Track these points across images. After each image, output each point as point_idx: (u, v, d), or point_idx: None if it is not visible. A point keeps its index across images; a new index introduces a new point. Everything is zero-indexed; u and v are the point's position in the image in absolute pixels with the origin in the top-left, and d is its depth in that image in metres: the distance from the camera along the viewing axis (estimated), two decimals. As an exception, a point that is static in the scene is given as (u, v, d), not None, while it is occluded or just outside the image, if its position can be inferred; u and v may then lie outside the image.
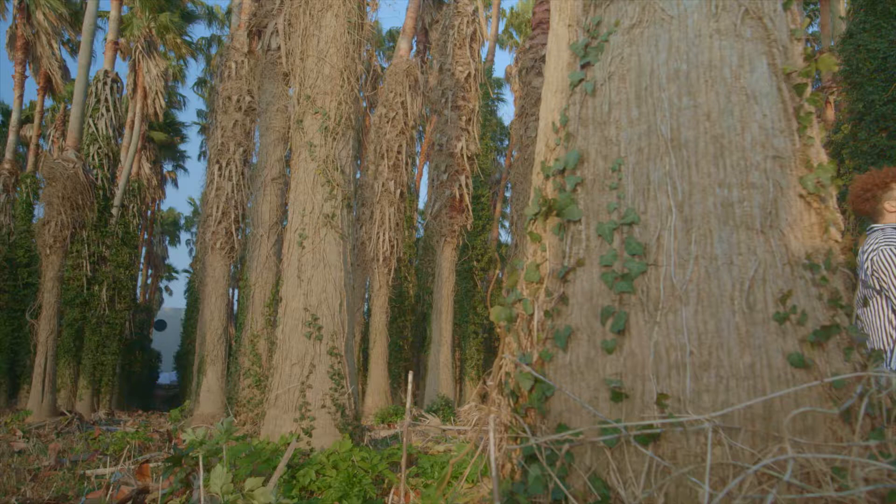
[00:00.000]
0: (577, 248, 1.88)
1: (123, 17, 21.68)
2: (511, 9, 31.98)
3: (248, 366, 9.76)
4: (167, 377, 37.55)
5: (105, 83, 17.82)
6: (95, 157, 17.63)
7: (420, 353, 21.81)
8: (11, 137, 20.76)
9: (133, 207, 22.55)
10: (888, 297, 3.09)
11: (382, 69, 21.28)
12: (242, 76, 13.71)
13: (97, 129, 17.69)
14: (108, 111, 17.88)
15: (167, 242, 46.38)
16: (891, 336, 3.11)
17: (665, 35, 1.91)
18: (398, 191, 15.54)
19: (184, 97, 48.95)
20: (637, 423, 1.60)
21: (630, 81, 1.92)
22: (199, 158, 42.62)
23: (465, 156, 15.10)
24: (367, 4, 7.16)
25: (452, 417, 11.41)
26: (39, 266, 14.87)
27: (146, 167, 30.01)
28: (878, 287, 3.13)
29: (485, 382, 1.95)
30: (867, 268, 3.17)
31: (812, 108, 1.87)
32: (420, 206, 25.31)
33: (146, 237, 35.95)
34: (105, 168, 17.79)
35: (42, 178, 14.38)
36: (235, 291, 22.55)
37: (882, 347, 3.12)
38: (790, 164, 1.80)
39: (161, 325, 38.42)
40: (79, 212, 13.88)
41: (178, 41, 25.54)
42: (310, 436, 5.73)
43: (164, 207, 45.72)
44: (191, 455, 3.01)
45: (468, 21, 15.71)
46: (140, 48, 23.77)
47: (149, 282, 40.91)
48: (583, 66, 2.05)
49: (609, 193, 1.86)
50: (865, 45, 11.70)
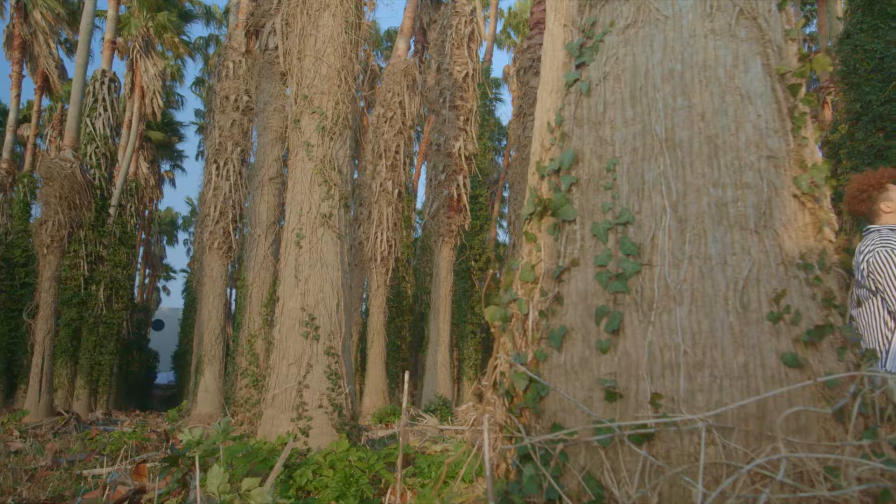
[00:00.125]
0: (572, 248, 1.88)
1: (121, 17, 21.65)
2: (509, 9, 31.96)
3: (246, 366, 9.75)
4: (165, 377, 37.45)
5: (103, 83, 17.80)
6: (93, 157, 17.62)
7: (418, 353, 21.81)
8: (9, 137, 20.72)
9: (130, 207, 22.52)
10: (884, 299, 3.10)
11: (380, 69, 21.28)
12: (240, 76, 13.70)
13: (94, 129, 17.67)
14: (106, 111, 17.86)
15: (165, 242, 46.33)
16: (886, 337, 3.12)
17: (660, 35, 1.91)
18: (396, 191, 15.54)
19: (182, 97, 48.96)
20: (631, 423, 1.60)
21: (625, 81, 1.92)
22: (197, 158, 42.59)
23: (463, 156, 15.10)
24: (365, 4, 7.15)
25: (450, 417, 11.41)
26: (36, 266, 14.84)
27: (144, 167, 29.98)
28: (874, 288, 3.13)
29: (480, 382, 1.95)
30: (863, 269, 3.17)
31: (806, 109, 1.87)
32: (418, 206, 25.30)
33: (144, 237, 35.92)
34: (102, 168, 17.78)
35: (39, 178, 14.34)
36: (233, 291, 22.53)
37: (877, 348, 3.13)
38: (784, 165, 1.80)
39: (159, 325, 38.35)
40: (76, 211, 13.85)
41: (176, 40, 25.51)
42: (307, 436, 5.73)
43: (162, 207, 45.69)
44: (187, 455, 3.00)
45: (466, 21, 15.71)
46: (138, 48, 23.73)
47: (146, 281, 40.85)
48: (578, 66, 2.05)
49: (604, 193, 1.86)
50: (862, 46, 11.72)
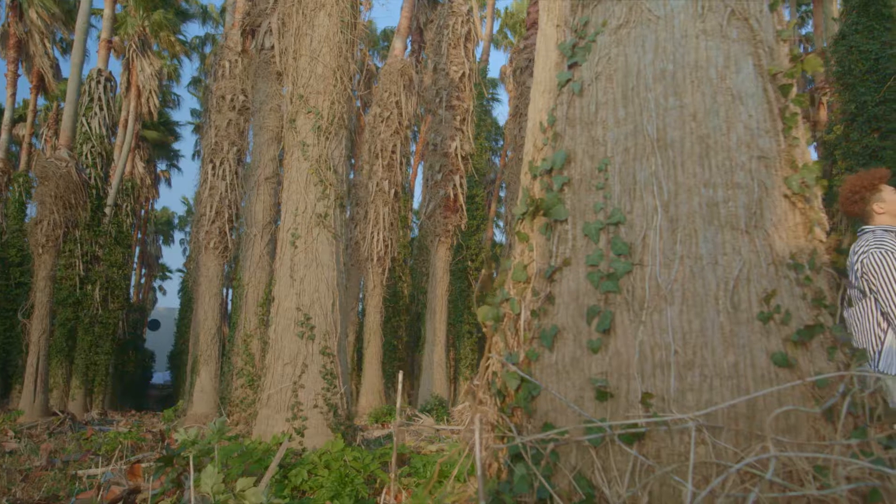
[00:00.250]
0: (564, 248, 1.88)
1: (117, 16, 21.60)
2: (506, 9, 32.00)
3: (241, 365, 9.74)
4: (161, 377, 37.35)
5: (98, 82, 17.76)
6: (88, 156, 17.57)
7: (414, 353, 21.81)
8: (4, 136, 20.66)
9: (126, 206, 22.45)
10: (877, 300, 3.11)
11: (377, 69, 21.26)
12: (236, 75, 13.67)
13: (90, 128, 17.63)
14: (102, 110, 17.81)
15: (161, 242, 46.22)
16: (879, 338, 3.13)
17: (652, 35, 1.91)
18: (392, 190, 15.53)
19: (178, 96, 48.88)
20: (622, 423, 1.61)
21: (617, 81, 1.93)
22: (194, 158, 42.48)
23: (460, 155, 15.10)
24: (361, 4, 7.15)
25: (446, 417, 11.41)
26: (32, 265, 14.78)
27: (140, 166, 29.91)
28: (867, 289, 3.14)
29: (472, 382, 1.96)
30: (857, 270, 3.18)
31: (797, 109, 1.88)
32: (415, 206, 25.30)
33: (140, 236, 35.84)
34: (98, 167, 17.73)
35: (34, 177, 14.30)
36: (229, 291, 22.49)
37: (870, 349, 3.14)
38: (775, 165, 1.80)
39: (155, 325, 38.26)
40: (71, 211, 13.81)
41: (172, 39, 25.47)
42: (302, 436, 5.72)
43: (158, 207, 45.57)
44: (182, 455, 3.00)
45: (463, 21, 15.71)
46: (134, 47, 23.68)
47: (142, 281, 40.77)
48: (570, 66, 2.05)
49: (595, 193, 1.86)
50: (858, 47, 11.75)
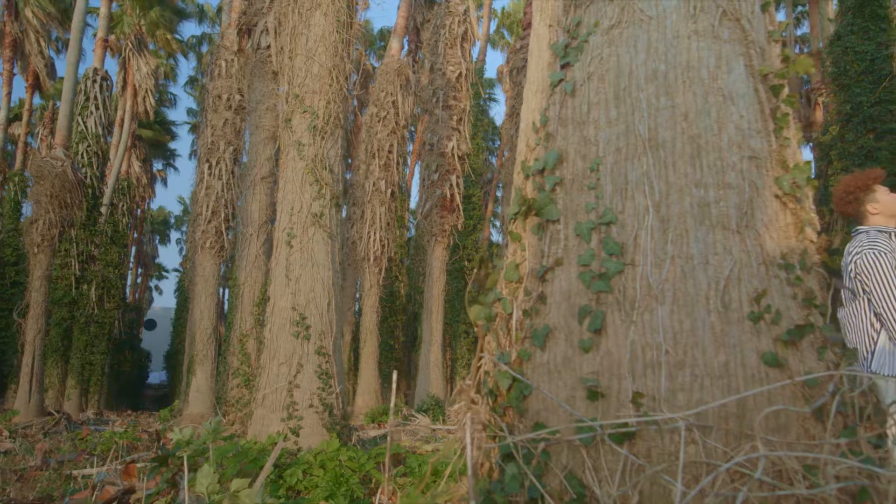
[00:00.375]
0: (556, 248, 1.88)
1: (113, 14, 21.55)
2: (502, 9, 32.01)
3: (237, 365, 9.72)
4: (157, 377, 37.31)
5: (94, 81, 17.71)
6: (84, 156, 17.52)
7: (411, 353, 21.81)
8: (0, 135, 20.60)
9: (122, 206, 22.41)
10: (870, 300, 3.12)
11: (374, 68, 21.26)
12: (232, 74, 13.66)
13: (86, 127, 17.58)
14: (98, 109, 17.77)
15: (157, 241, 46.17)
16: (872, 338, 3.14)
17: (644, 36, 1.92)
18: (389, 190, 15.53)
19: (175, 95, 48.74)
20: (612, 422, 1.61)
21: (609, 82, 1.93)
22: (190, 157, 42.42)
23: (456, 155, 15.10)
24: (357, 3, 7.14)
25: (442, 417, 11.41)
26: (27, 265, 14.75)
27: (136, 165, 29.85)
28: (861, 290, 3.15)
29: (464, 381, 1.96)
30: (850, 270, 3.20)
31: (788, 109, 1.88)
32: (411, 206, 25.29)
33: (136, 236, 35.75)
34: (94, 166, 17.68)
35: (30, 177, 14.27)
36: (225, 291, 22.46)
37: (864, 349, 3.15)
38: (766, 165, 1.81)
39: (151, 325, 38.19)
40: (67, 210, 13.78)
41: (169, 37, 25.43)
42: (297, 435, 5.72)
43: (154, 206, 45.52)
44: (177, 455, 2.99)
45: (459, 21, 15.71)
46: (130, 46, 23.63)
47: (138, 281, 40.69)
48: (563, 67, 2.05)
49: (587, 193, 1.87)
50: (853, 48, 11.78)
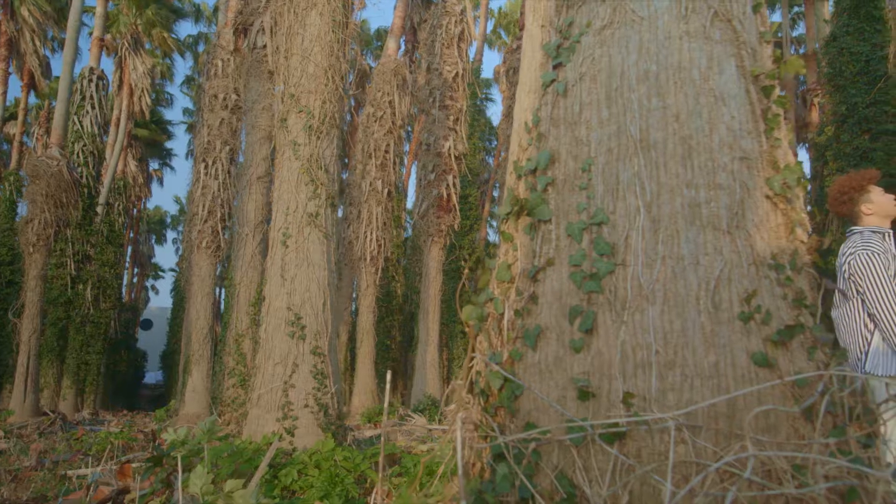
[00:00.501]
0: (548, 248, 1.89)
1: (109, 13, 21.50)
2: (499, 9, 32.04)
3: (233, 365, 9.71)
4: (153, 377, 37.21)
5: (90, 80, 17.67)
6: (80, 155, 17.48)
7: (408, 353, 21.79)
8: (-5, 134, 20.56)
9: (118, 205, 22.36)
10: (864, 301, 3.13)
11: (370, 68, 21.24)
12: (229, 74, 13.63)
13: (82, 127, 17.53)
14: (94, 108, 17.72)
15: (153, 241, 46.04)
16: (865, 339, 3.15)
17: (635, 36, 1.92)
18: (386, 190, 15.52)
19: (171, 95, 48.71)
20: (603, 422, 1.61)
21: (601, 82, 1.93)
22: (187, 157, 42.36)
23: (453, 155, 15.09)
24: (353, 3, 7.14)
25: (439, 417, 11.40)
26: (22, 264, 14.70)
27: (132, 165, 29.78)
28: (855, 291, 3.16)
29: (456, 381, 1.96)
30: (844, 271, 3.20)
31: (780, 110, 1.89)
32: (408, 206, 25.29)
33: (132, 236, 35.68)
34: (90, 166, 17.65)
35: (26, 176, 14.21)
36: (222, 290, 22.43)
37: (857, 349, 3.16)
38: (757, 166, 1.81)
39: (147, 325, 38.09)
40: (63, 210, 13.74)
41: (165, 36, 25.38)
42: (292, 435, 5.71)
43: (151, 206, 45.39)
44: (172, 455, 2.99)
45: (456, 21, 15.70)
46: (126, 45, 23.58)
47: (135, 280, 40.59)
48: (555, 67, 2.06)
49: (579, 193, 1.87)
50: (849, 49, 11.81)
